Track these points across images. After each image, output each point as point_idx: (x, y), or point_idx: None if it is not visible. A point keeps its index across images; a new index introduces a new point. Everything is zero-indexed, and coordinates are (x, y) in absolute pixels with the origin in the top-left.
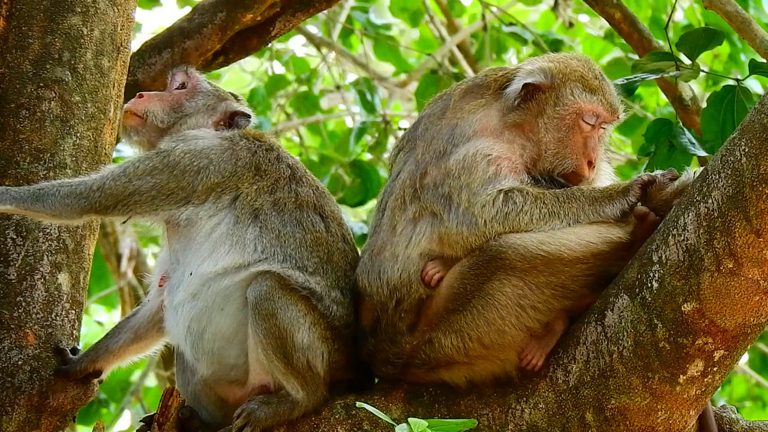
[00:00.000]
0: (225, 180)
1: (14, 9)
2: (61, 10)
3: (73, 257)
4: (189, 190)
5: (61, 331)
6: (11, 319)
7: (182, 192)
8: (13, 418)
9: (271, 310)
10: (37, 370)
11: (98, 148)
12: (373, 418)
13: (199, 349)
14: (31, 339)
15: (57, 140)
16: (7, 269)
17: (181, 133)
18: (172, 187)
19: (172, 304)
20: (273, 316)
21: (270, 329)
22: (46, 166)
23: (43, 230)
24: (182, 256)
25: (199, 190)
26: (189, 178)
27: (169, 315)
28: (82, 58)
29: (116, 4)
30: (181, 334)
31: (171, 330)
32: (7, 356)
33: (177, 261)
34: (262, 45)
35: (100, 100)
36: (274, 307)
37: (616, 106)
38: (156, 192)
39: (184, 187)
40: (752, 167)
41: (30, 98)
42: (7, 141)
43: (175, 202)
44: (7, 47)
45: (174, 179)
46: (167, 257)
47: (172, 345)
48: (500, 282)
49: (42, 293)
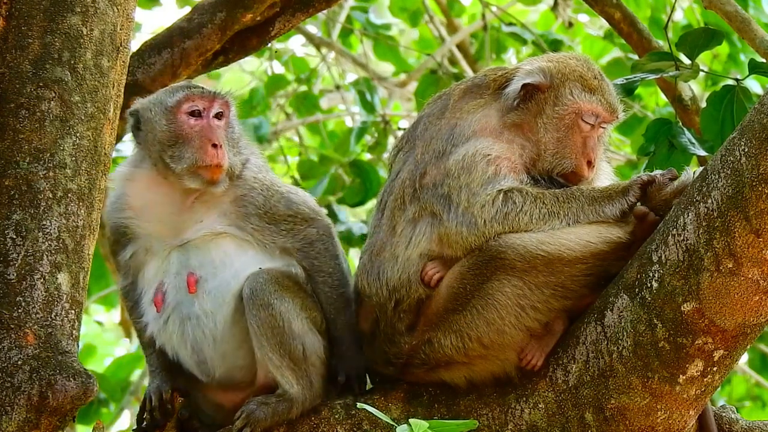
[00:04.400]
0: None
1: (14, 9)
2: (60, 10)
3: (72, 257)
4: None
5: (61, 331)
6: (11, 319)
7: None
8: (12, 418)
9: (266, 300)
10: (37, 370)
11: (98, 148)
12: (372, 418)
13: (208, 354)
14: (31, 339)
15: (57, 140)
16: (6, 269)
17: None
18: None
19: (185, 313)
20: (268, 305)
21: (265, 319)
22: (45, 166)
23: (43, 230)
24: (201, 268)
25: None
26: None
27: (176, 325)
28: (81, 58)
29: (116, 4)
30: (190, 341)
31: (173, 339)
32: (7, 356)
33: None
34: (262, 45)
35: (99, 100)
36: (269, 298)
37: (615, 106)
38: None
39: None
40: (752, 167)
41: (30, 98)
42: (7, 141)
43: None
44: (7, 47)
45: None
46: (166, 271)
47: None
48: (500, 282)
49: (42, 293)
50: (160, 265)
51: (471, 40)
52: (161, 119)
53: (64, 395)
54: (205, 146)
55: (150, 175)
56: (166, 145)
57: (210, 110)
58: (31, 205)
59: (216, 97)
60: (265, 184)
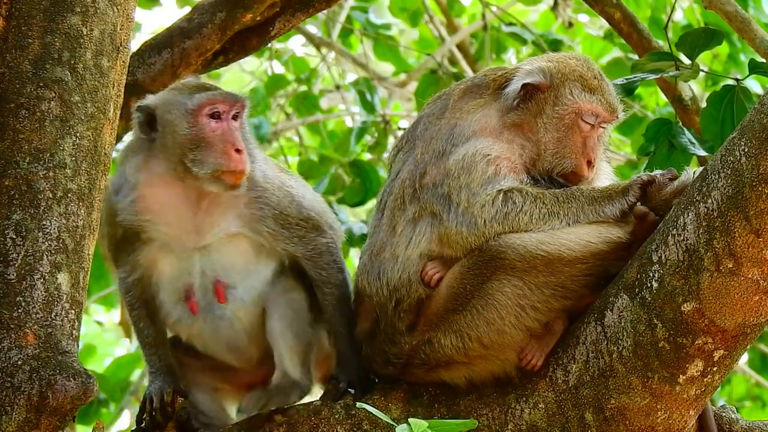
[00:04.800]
0: None
1: (14, 9)
2: (60, 10)
3: (72, 257)
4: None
5: (61, 331)
6: (11, 319)
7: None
8: (12, 418)
9: (303, 329)
10: (37, 370)
11: (98, 148)
12: (372, 418)
13: (242, 345)
14: (31, 339)
15: (57, 140)
16: (6, 269)
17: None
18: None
19: (217, 315)
20: (304, 333)
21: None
22: (45, 166)
23: (43, 230)
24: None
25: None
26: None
27: (208, 325)
28: (81, 58)
29: (116, 4)
30: (225, 340)
31: (205, 337)
32: (7, 356)
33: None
34: (262, 45)
35: (99, 100)
36: (304, 326)
37: (615, 106)
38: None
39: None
40: (752, 167)
41: (30, 98)
42: (7, 141)
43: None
44: (7, 47)
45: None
46: (190, 273)
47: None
48: (500, 282)
49: (42, 293)
50: (182, 266)
51: (471, 40)
52: (182, 122)
53: (64, 395)
54: (228, 151)
55: (166, 176)
56: (188, 149)
57: (229, 113)
58: (31, 205)
59: (237, 100)
60: (276, 184)
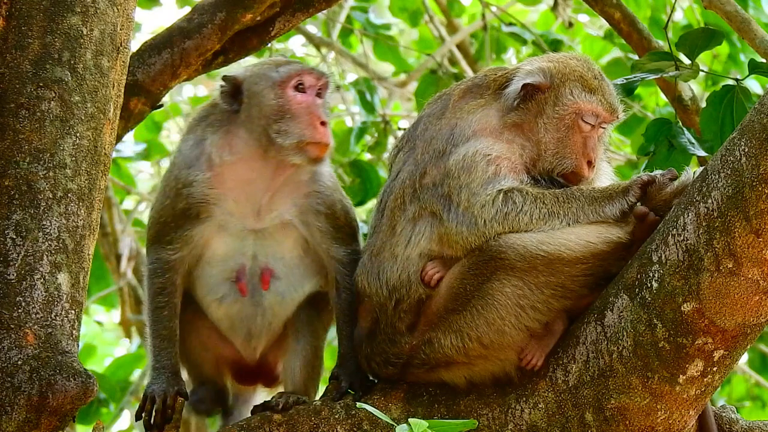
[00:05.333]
0: None
1: (14, 9)
2: (60, 10)
3: (72, 257)
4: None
5: (61, 331)
6: (11, 319)
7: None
8: (12, 418)
9: (313, 316)
10: (37, 370)
11: (98, 148)
12: (372, 418)
13: (256, 336)
14: (31, 339)
15: (57, 140)
16: (6, 269)
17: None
18: None
19: (256, 300)
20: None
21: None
22: (45, 166)
23: (43, 230)
24: (274, 262)
25: None
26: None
27: (245, 309)
28: (81, 58)
29: (116, 4)
30: (250, 325)
31: (236, 318)
32: (7, 356)
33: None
34: (262, 45)
35: (99, 100)
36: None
37: (615, 106)
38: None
39: None
40: (752, 167)
41: (30, 98)
42: (7, 141)
43: None
44: (7, 47)
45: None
46: (244, 254)
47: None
48: (500, 282)
49: (42, 293)
50: (236, 247)
51: (471, 40)
52: (269, 93)
53: (64, 395)
54: (314, 123)
55: (247, 151)
56: (273, 120)
57: (315, 87)
58: (31, 205)
59: (322, 75)
60: (335, 184)
